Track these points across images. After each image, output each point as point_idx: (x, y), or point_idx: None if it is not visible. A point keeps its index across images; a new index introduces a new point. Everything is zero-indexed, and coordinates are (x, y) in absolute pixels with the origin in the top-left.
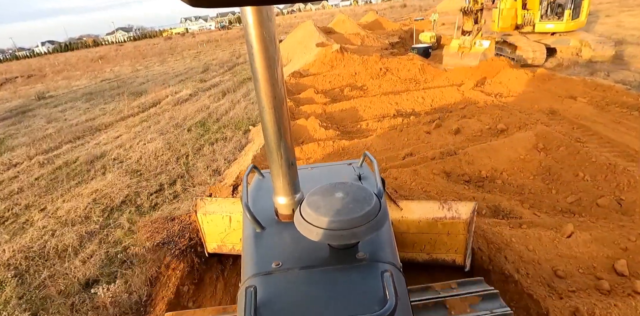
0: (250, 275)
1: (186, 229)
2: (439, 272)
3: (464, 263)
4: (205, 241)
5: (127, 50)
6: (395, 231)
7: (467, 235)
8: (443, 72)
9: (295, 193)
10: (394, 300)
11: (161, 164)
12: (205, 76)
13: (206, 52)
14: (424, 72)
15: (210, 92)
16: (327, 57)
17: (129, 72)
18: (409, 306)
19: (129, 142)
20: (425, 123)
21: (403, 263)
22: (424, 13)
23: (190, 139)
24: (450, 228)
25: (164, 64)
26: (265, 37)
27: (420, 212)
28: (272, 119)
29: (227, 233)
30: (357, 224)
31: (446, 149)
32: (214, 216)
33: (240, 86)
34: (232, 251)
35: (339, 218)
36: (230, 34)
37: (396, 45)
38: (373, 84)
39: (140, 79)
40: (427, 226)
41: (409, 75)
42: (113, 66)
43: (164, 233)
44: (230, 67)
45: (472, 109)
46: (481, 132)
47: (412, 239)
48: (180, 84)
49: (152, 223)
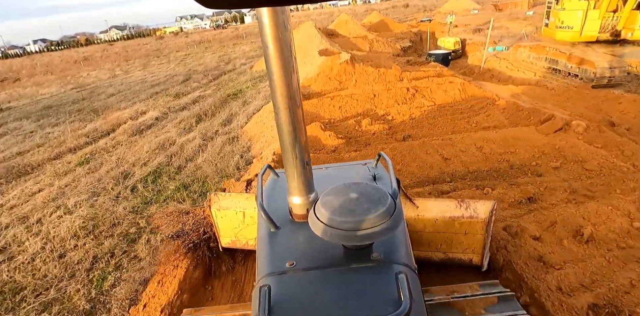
0: (264, 274)
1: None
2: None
3: (481, 263)
4: (219, 236)
5: (115, 51)
6: (411, 230)
7: (485, 235)
8: (494, 97)
9: (310, 193)
10: (409, 302)
11: (60, 275)
12: (183, 88)
13: (194, 55)
14: (467, 93)
15: (182, 116)
16: (333, 70)
17: (105, 78)
18: (424, 309)
19: (43, 208)
20: (511, 205)
21: (418, 262)
22: (429, 14)
23: (129, 212)
24: (467, 227)
25: (146, 69)
26: (281, 37)
27: (437, 210)
28: (287, 120)
29: (241, 228)
30: (372, 225)
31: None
32: (228, 211)
33: (222, 106)
34: (245, 247)
35: (353, 219)
36: (224, 34)
37: (408, 50)
38: (400, 113)
39: (112, 89)
40: (443, 225)
41: (446, 98)
42: (93, 70)
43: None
44: (215, 76)
45: (585, 174)
46: (628, 235)
47: (427, 238)
48: (151, 99)
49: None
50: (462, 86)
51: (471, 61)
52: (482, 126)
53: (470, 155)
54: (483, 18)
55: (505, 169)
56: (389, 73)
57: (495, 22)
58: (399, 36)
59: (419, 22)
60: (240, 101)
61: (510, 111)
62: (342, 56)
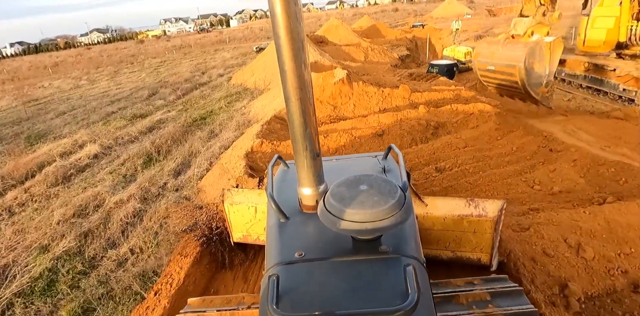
0: (273, 264)
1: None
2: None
3: (490, 262)
4: (231, 230)
5: (90, 56)
6: (420, 228)
7: (494, 234)
8: (552, 138)
9: (320, 184)
10: (416, 295)
11: None
12: (145, 107)
13: (171, 63)
14: (507, 129)
15: (129, 153)
16: (326, 91)
17: (67, 89)
18: (432, 301)
19: None
20: None
21: (427, 260)
22: (421, 18)
23: None
24: (476, 226)
25: (114, 78)
26: (293, 28)
27: (445, 209)
28: (297, 111)
29: (253, 223)
30: (381, 217)
31: None
32: (240, 206)
33: (182, 139)
34: (256, 241)
35: (363, 210)
36: (207, 38)
37: (406, 59)
38: (422, 161)
39: (66, 105)
40: (452, 224)
41: (480, 137)
42: (58, 78)
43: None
44: (186, 90)
45: None
46: None
47: (436, 236)
48: (101, 123)
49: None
50: (498, 118)
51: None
52: (550, 191)
53: (562, 261)
54: (479, 23)
55: (624, 290)
56: (396, 94)
57: (495, 28)
58: (393, 43)
59: (411, 28)
60: (206, 130)
61: (585, 165)
62: (337, 72)
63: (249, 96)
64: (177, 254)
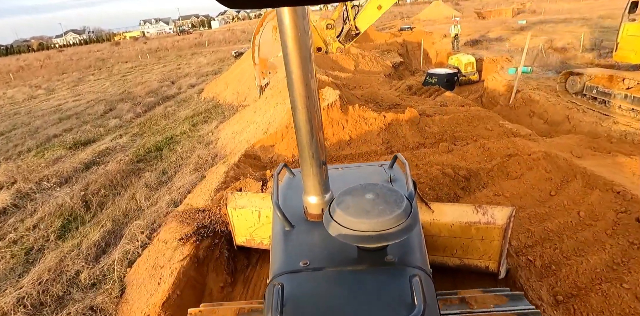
0: (278, 272)
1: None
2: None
3: (497, 270)
4: (235, 234)
5: (58, 60)
6: (426, 234)
7: (502, 241)
8: (608, 189)
9: (325, 193)
10: (422, 306)
11: None
12: (92, 131)
13: (142, 68)
14: (555, 178)
15: (45, 210)
16: None
17: (19, 100)
18: (438, 313)
19: None
20: None
21: (433, 267)
22: (408, 21)
23: None
24: (484, 233)
25: (76, 87)
26: (300, 37)
27: (453, 215)
28: (304, 118)
29: (256, 227)
30: (387, 227)
31: None
32: (244, 210)
33: (124, 182)
34: (260, 246)
35: (368, 220)
36: (186, 40)
37: (399, 67)
38: None
39: (6, 124)
40: (459, 230)
41: (522, 190)
42: (14, 87)
43: None
44: (149, 106)
45: None
46: None
47: (443, 243)
48: (33, 153)
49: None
50: (548, 163)
51: (488, 83)
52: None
53: None
54: (470, 26)
55: None
56: (401, 120)
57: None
58: (384, 48)
59: (399, 31)
60: (158, 170)
61: None
62: (327, 94)
63: (219, 116)
64: None
